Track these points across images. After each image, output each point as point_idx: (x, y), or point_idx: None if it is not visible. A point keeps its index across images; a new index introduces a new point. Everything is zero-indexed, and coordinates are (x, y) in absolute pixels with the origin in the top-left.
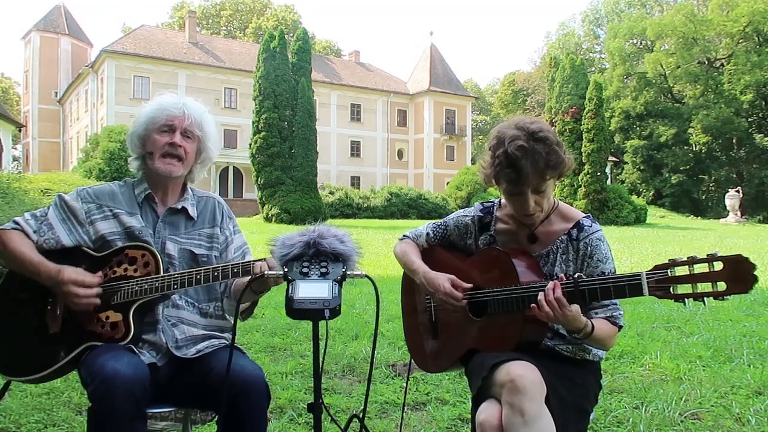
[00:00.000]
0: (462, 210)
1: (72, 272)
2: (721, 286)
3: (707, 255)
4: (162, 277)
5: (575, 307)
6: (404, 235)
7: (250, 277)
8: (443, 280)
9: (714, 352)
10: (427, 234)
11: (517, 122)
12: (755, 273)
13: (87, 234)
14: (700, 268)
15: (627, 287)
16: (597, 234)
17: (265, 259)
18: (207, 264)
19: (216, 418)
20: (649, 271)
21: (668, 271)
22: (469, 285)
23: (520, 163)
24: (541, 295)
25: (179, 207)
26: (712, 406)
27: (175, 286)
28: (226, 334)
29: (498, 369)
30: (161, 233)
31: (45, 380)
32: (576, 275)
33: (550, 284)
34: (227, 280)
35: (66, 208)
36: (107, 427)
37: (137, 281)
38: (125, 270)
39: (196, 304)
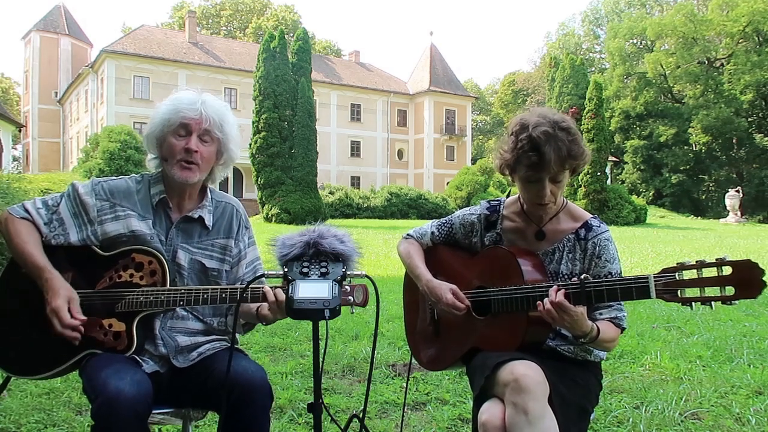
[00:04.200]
0: (468, 208)
1: (62, 301)
2: (730, 291)
3: (716, 259)
4: (168, 290)
5: (580, 310)
6: (408, 234)
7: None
8: (445, 291)
9: (714, 352)
10: (432, 233)
11: (540, 112)
12: (764, 279)
13: (95, 234)
14: (709, 273)
15: (634, 290)
16: (605, 234)
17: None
18: (217, 277)
19: (216, 417)
20: (657, 274)
21: (676, 274)
22: (468, 304)
23: (544, 148)
24: (546, 301)
25: (196, 216)
26: (712, 406)
27: (181, 303)
28: (227, 337)
29: (501, 368)
30: (174, 240)
31: (45, 379)
32: (583, 276)
33: (554, 288)
34: (233, 303)
35: (79, 202)
36: None
37: (143, 291)
38: (131, 276)
39: (201, 318)
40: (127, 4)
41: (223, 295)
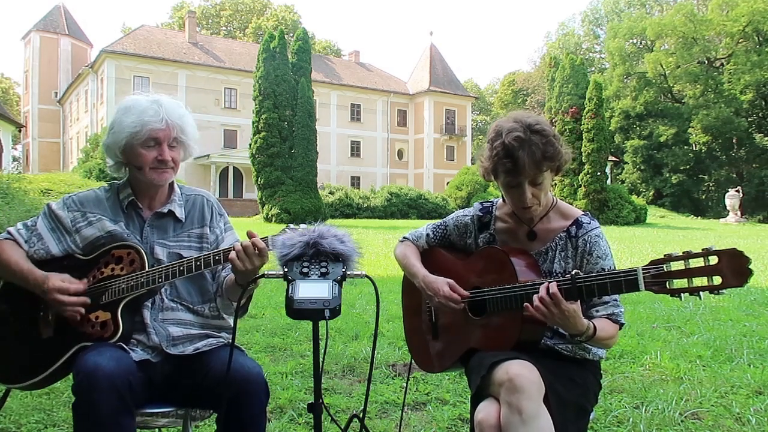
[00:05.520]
0: (461, 210)
1: (57, 280)
2: (717, 280)
3: (702, 249)
4: (147, 272)
5: (574, 306)
6: (404, 237)
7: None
8: (442, 284)
9: (714, 352)
10: (427, 235)
11: (515, 116)
12: (750, 267)
13: (74, 242)
14: (696, 263)
15: (623, 282)
16: (596, 231)
17: (240, 242)
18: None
19: (215, 416)
20: (645, 266)
21: (664, 266)
22: (467, 293)
23: (517, 153)
24: (535, 297)
25: (165, 211)
26: (713, 405)
27: (160, 280)
28: (223, 333)
29: (497, 368)
30: (149, 238)
31: (42, 385)
32: (573, 272)
33: (545, 285)
34: (210, 269)
35: (54, 217)
36: (91, 421)
37: (123, 279)
38: (112, 270)
39: (191, 306)
40: (127, 4)
41: (198, 263)
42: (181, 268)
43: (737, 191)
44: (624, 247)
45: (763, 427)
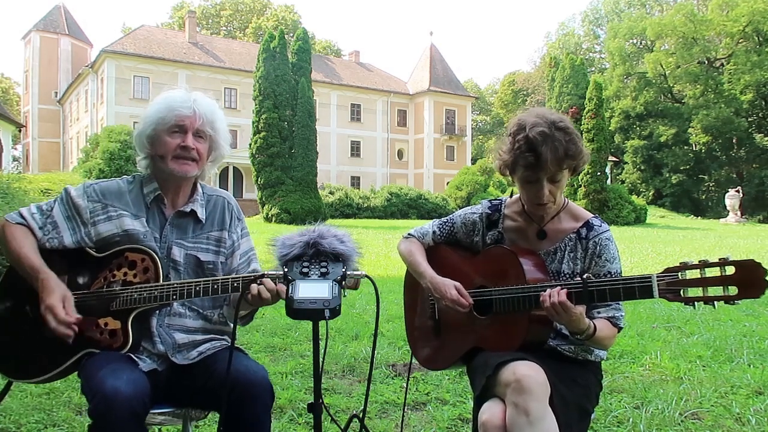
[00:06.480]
0: (469, 207)
1: (57, 299)
2: (733, 290)
3: (719, 259)
4: (161, 286)
5: (580, 309)
6: (409, 234)
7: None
8: (449, 287)
9: (714, 352)
10: (434, 232)
11: (537, 112)
12: (767, 279)
13: (88, 235)
14: (712, 272)
15: (637, 289)
16: (606, 234)
17: (263, 280)
18: (213, 270)
19: (216, 417)
20: (660, 273)
21: (679, 274)
22: (471, 302)
23: (540, 148)
24: (547, 292)
25: (188, 210)
26: (712, 405)
27: (174, 297)
28: (226, 337)
29: (503, 369)
30: (168, 237)
31: (43, 382)
32: (585, 276)
33: (557, 289)
34: (226, 294)
35: (71, 205)
36: None
37: (136, 289)
38: (125, 274)
39: (201, 311)
40: (127, 4)
41: (215, 286)
42: (197, 288)
43: (737, 191)
44: (624, 248)
45: (763, 427)
